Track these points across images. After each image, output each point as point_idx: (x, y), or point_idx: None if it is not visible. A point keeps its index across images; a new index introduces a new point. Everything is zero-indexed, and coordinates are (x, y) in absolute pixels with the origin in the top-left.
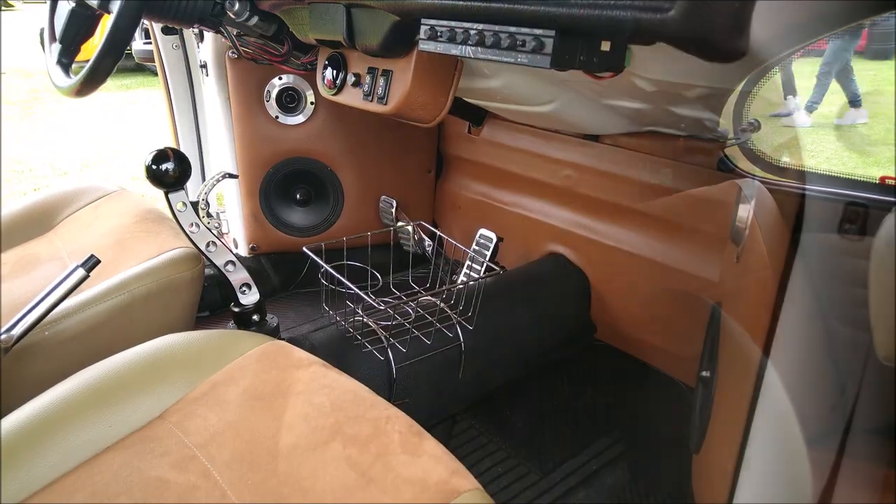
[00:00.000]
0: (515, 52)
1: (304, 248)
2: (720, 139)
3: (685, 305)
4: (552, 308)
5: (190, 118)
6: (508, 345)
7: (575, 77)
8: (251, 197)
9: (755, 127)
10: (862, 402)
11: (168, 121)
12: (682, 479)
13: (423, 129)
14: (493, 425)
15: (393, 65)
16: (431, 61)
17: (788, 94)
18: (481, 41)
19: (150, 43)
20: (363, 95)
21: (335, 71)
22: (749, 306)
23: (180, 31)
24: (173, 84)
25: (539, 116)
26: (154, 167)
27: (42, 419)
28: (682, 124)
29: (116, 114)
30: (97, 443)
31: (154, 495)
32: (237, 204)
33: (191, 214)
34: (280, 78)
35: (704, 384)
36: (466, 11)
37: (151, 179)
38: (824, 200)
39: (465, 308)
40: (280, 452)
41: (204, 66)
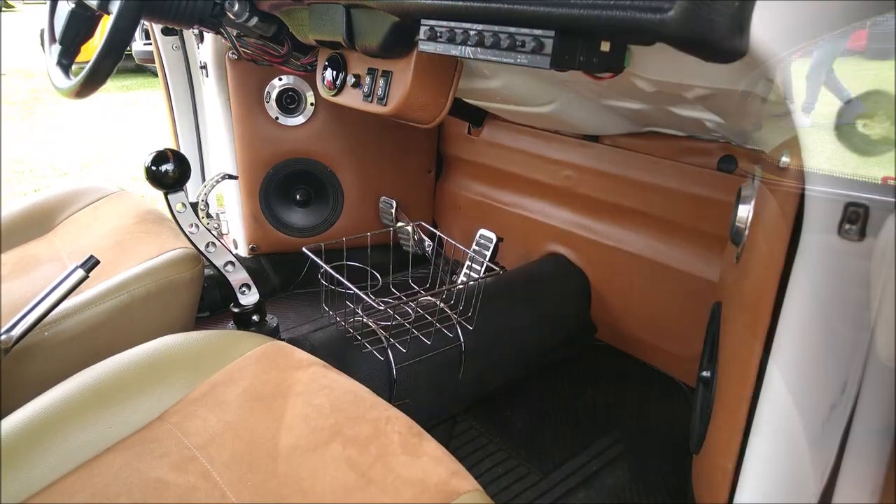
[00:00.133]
0: (515, 53)
1: (304, 249)
2: (720, 139)
3: (685, 305)
4: (552, 308)
5: (190, 119)
6: (508, 345)
7: (575, 77)
8: (251, 197)
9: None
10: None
11: (168, 122)
12: (682, 479)
13: (423, 130)
14: (494, 426)
15: (393, 65)
16: (431, 62)
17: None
18: (481, 42)
19: (151, 44)
20: (363, 96)
21: (335, 72)
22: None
23: (180, 32)
24: (173, 85)
25: (539, 117)
26: (153, 168)
27: (42, 420)
28: (682, 124)
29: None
30: (97, 444)
31: (154, 496)
32: (237, 204)
33: (190, 215)
34: (280, 79)
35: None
36: (466, 12)
37: (151, 180)
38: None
39: (465, 308)
40: (280, 453)
41: (204, 67)
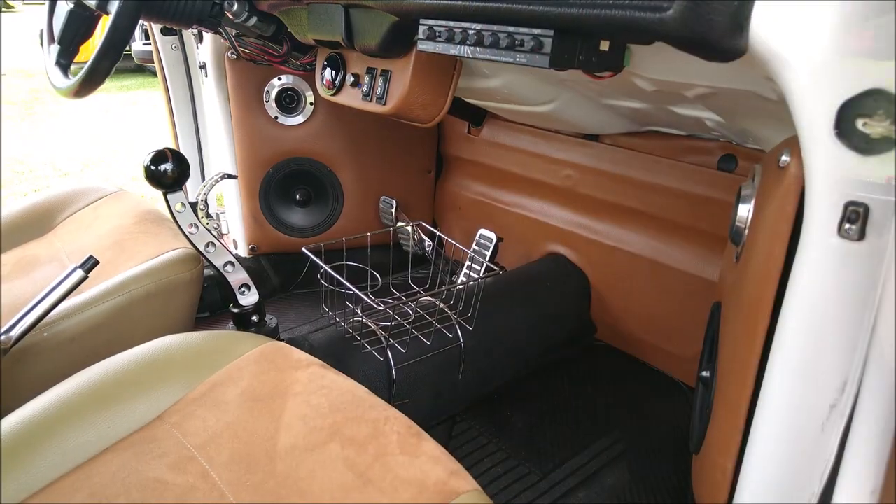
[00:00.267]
0: (514, 52)
1: (304, 249)
2: (720, 138)
3: (685, 305)
4: (552, 308)
5: (189, 119)
6: (508, 345)
7: (574, 77)
8: (251, 197)
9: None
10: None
11: (167, 121)
12: (682, 479)
13: (423, 130)
14: (493, 426)
15: (392, 65)
16: (430, 61)
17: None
18: (480, 41)
19: (150, 44)
20: (362, 96)
21: (334, 71)
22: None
23: (179, 32)
24: (173, 85)
25: (539, 116)
26: (152, 168)
27: (41, 420)
28: (682, 123)
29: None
30: (96, 444)
31: (152, 496)
32: (237, 204)
33: (189, 215)
34: (279, 78)
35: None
36: (465, 11)
37: (150, 180)
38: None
39: (465, 308)
40: (278, 453)
41: (203, 67)
